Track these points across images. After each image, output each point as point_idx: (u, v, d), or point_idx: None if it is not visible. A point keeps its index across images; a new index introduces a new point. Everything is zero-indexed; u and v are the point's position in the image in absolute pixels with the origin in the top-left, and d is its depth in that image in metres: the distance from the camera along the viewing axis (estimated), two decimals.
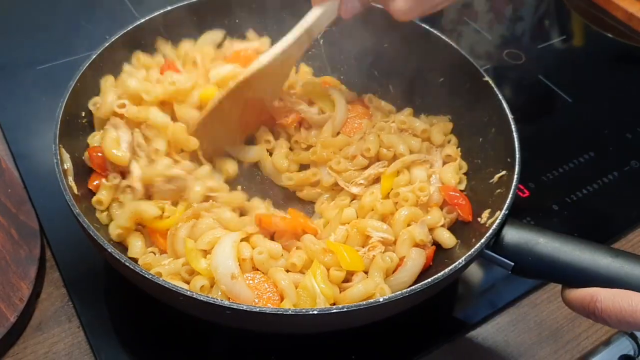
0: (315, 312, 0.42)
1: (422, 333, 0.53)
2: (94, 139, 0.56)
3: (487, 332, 0.54)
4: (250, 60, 0.59)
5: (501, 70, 0.79)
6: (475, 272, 0.58)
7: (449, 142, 0.61)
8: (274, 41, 0.61)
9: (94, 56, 0.57)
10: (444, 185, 0.56)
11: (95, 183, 0.53)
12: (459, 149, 0.60)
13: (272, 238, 0.53)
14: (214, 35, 0.66)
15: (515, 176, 0.51)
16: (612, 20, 0.90)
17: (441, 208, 0.55)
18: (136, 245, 0.51)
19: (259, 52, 0.64)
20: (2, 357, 0.50)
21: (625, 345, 0.65)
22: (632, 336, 0.64)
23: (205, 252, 0.49)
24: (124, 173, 0.54)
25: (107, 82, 0.58)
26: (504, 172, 0.54)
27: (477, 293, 0.57)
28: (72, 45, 0.77)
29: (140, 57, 0.61)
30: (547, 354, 0.53)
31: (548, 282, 0.58)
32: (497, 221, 0.47)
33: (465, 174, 0.58)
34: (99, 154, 0.53)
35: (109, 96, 0.56)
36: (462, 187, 0.57)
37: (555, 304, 0.57)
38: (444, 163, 0.59)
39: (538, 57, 0.82)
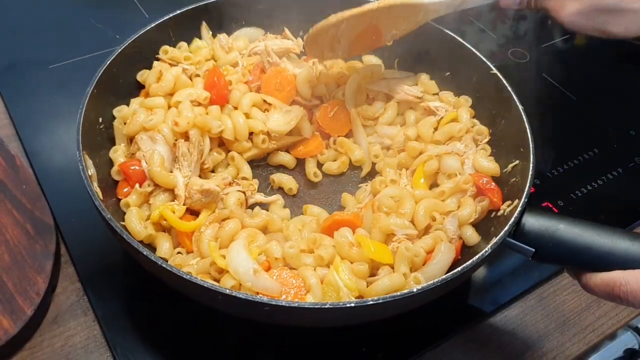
0: (352, 304, 0.42)
1: (430, 327, 0.54)
2: (116, 154, 0.57)
3: (495, 325, 0.55)
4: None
5: (506, 69, 0.79)
6: (483, 268, 0.59)
7: (473, 126, 0.61)
8: None
9: (109, 60, 0.58)
10: (475, 173, 0.57)
11: (125, 190, 0.55)
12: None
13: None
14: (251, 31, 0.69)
15: (531, 164, 0.52)
16: None
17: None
18: (164, 246, 0.52)
19: (290, 51, 0.67)
20: (20, 350, 0.51)
21: (630, 339, 0.66)
22: (637, 330, 0.65)
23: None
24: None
25: (135, 101, 0.61)
26: (517, 162, 0.55)
27: (486, 287, 0.58)
28: (82, 45, 0.78)
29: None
30: (554, 346, 0.54)
31: (554, 276, 0.59)
32: (518, 209, 0.48)
33: None
34: (135, 168, 0.55)
35: (139, 115, 0.57)
36: (498, 172, 0.57)
37: (562, 297, 0.58)
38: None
39: (542, 56, 0.83)
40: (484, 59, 0.61)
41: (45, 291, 0.53)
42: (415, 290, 0.43)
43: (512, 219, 0.47)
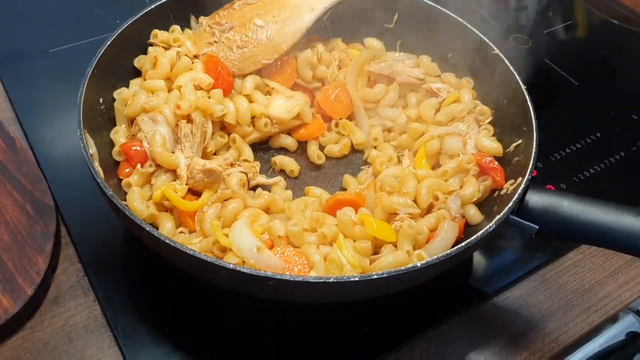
0: (357, 278, 0.42)
1: (432, 307, 0.54)
2: (117, 134, 0.57)
3: (498, 306, 0.55)
4: None
5: (508, 54, 0.79)
6: (486, 250, 0.59)
7: (475, 107, 0.61)
8: None
9: (108, 43, 0.58)
10: (477, 153, 0.57)
11: (126, 171, 0.55)
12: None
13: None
14: None
15: (535, 141, 0.52)
16: (617, 5, 0.91)
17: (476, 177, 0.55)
18: (167, 226, 0.52)
19: None
20: (21, 330, 0.51)
21: (632, 322, 0.66)
22: (639, 313, 0.65)
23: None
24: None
25: (135, 82, 0.61)
26: (520, 141, 0.55)
27: (489, 269, 0.58)
28: (82, 30, 0.78)
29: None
30: (557, 326, 0.54)
31: (557, 258, 0.59)
32: (522, 186, 0.49)
33: None
34: (137, 148, 0.54)
35: (139, 96, 0.57)
36: (502, 151, 0.57)
37: (565, 279, 0.57)
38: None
39: (544, 42, 0.83)
40: (485, 39, 0.61)
41: (45, 271, 0.52)
42: (419, 264, 0.43)
43: (516, 195, 0.47)
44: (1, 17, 0.80)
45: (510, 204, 0.47)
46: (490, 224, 0.46)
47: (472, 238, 0.44)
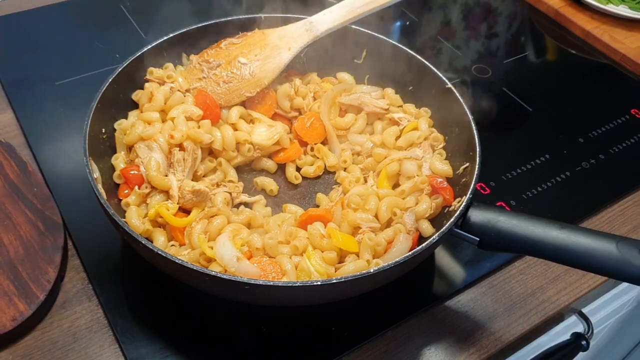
0: (319, 282, 0.50)
1: (391, 309, 0.61)
2: (117, 160, 0.64)
3: (450, 308, 0.63)
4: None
5: (469, 83, 0.88)
6: (442, 258, 0.67)
7: (430, 134, 0.69)
8: None
9: (110, 79, 0.66)
10: (431, 174, 0.65)
11: (125, 192, 0.62)
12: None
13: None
14: None
15: (477, 165, 0.60)
16: (572, 37, 1.00)
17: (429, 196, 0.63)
18: (160, 240, 0.59)
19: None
20: (33, 330, 0.58)
21: (576, 324, 0.74)
22: (582, 315, 0.73)
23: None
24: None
25: (133, 114, 0.69)
26: (467, 164, 0.63)
27: (443, 275, 0.65)
28: (85, 63, 0.86)
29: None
30: (501, 326, 0.62)
31: (504, 267, 0.66)
32: (464, 203, 0.56)
33: None
34: (135, 172, 0.62)
35: (137, 127, 0.65)
36: (451, 173, 0.65)
37: (510, 285, 0.65)
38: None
39: (503, 72, 0.91)
40: (440, 75, 0.69)
41: (55, 280, 0.60)
42: (372, 270, 0.51)
43: (458, 212, 0.55)
44: (12, 49, 0.87)
45: (452, 219, 0.55)
46: (434, 236, 0.54)
47: (417, 248, 0.52)
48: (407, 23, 0.99)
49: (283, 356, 0.57)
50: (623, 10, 0.99)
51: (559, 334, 0.76)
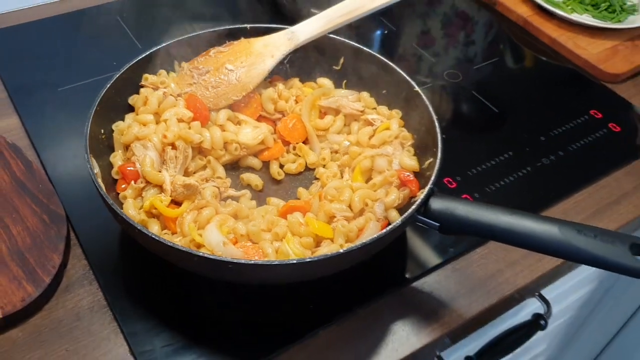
0: (294, 261, 0.57)
1: (364, 290, 0.68)
2: (115, 158, 0.71)
3: (417, 289, 0.69)
4: None
5: (441, 88, 0.95)
6: (413, 244, 0.74)
7: (401, 133, 0.76)
8: None
9: (108, 85, 0.72)
10: (400, 169, 0.71)
11: (123, 186, 0.69)
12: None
13: None
14: None
15: (438, 160, 0.67)
16: (540, 44, 1.07)
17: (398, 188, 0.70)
18: (154, 229, 0.65)
19: None
20: (40, 311, 0.64)
21: (536, 305, 0.81)
22: (541, 297, 0.80)
23: None
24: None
25: (129, 116, 0.75)
26: (431, 159, 0.70)
27: (411, 259, 0.72)
28: (85, 71, 0.92)
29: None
30: (462, 305, 0.68)
31: (466, 252, 0.73)
32: (425, 192, 0.63)
33: None
34: (131, 169, 0.68)
35: (133, 128, 0.72)
36: (418, 167, 0.71)
37: (472, 269, 0.72)
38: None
39: (473, 76, 0.98)
40: (409, 79, 0.76)
41: (59, 266, 0.66)
42: (342, 251, 0.58)
43: (419, 200, 0.62)
44: (18, 58, 0.94)
45: (414, 206, 0.62)
46: (397, 221, 0.61)
47: (382, 231, 0.59)
48: (385, 32, 1.06)
49: (265, 330, 0.64)
50: (586, 19, 1.06)
51: (520, 315, 0.82)
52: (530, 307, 0.82)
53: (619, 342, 1.43)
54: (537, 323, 0.79)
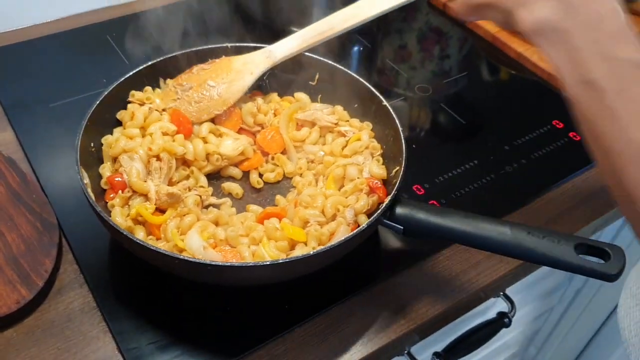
0: (268, 262, 0.62)
1: (339, 288, 0.73)
2: (104, 169, 0.76)
3: (387, 287, 0.74)
4: None
5: (412, 101, 1.01)
6: (387, 247, 0.79)
7: (371, 144, 0.82)
8: None
9: (98, 102, 0.77)
10: (369, 177, 0.76)
11: (111, 196, 0.74)
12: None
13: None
14: None
15: (402, 168, 0.73)
16: (506, 58, 1.13)
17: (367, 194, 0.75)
18: (140, 234, 0.70)
19: None
20: (34, 312, 0.69)
21: (501, 304, 0.86)
22: (506, 296, 0.86)
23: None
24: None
25: (117, 130, 0.80)
26: (398, 168, 0.75)
27: (383, 260, 0.77)
28: (75, 87, 0.97)
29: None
30: (427, 303, 0.73)
31: (433, 254, 0.78)
32: (389, 198, 0.69)
33: None
34: (119, 179, 0.73)
35: (120, 141, 0.77)
36: (386, 175, 0.77)
37: (437, 269, 0.77)
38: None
39: (442, 90, 1.04)
40: (378, 94, 0.82)
41: (51, 270, 0.71)
42: (312, 252, 0.63)
43: (385, 205, 0.68)
44: (11, 75, 0.99)
45: (379, 211, 0.67)
46: (364, 225, 0.66)
47: (348, 235, 0.65)
48: (361, 49, 1.12)
49: (244, 328, 0.69)
50: None
51: (486, 314, 0.88)
52: (494, 305, 0.87)
53: (596, 343, 1.48)
54: (501, 321, 0.84)
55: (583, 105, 0.52)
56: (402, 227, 0.68)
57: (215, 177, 0.84)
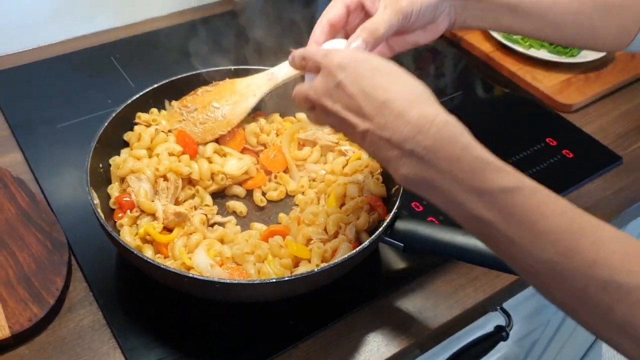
0: (274, 280, 0.65)
1: (341, 304, 0.75)
2: (112, 190, 0.78)
3: (389, 303, 0.77)
4: None
5: None
6: (386, 266, 0.81)
7: (370, 163, 0.84)
8: None
9: (106, 124, 0.80)
10: (369, 195, 0.79)
11: (119, 215, 0.76)
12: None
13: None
14: None
15: (402, 187, 0.75)
16: (500, 77, 1.17)
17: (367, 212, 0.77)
18: (148, 253, 0.72)
19: None
20: (45, 330, 0.70)
21: (498, 318, 0.89)
22: (503, 310, 0.88)
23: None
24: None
25: (124, 151, 0.83)
26: (397, 186, 0.78)
27: (384, 277, 0.80)
28: (82, 109, 0.99)
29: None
30: (428, 317, 0.76)
31: (431, 270, 0.81)
32: (390, 216, 0.71)
33: None
34: (127, 199, 0.76)
35: (128, 162, 0.79)
36: (385, 194, 0.80)
37: (437, 284, 0.79)
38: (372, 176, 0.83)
39: None
40: None
41: (62, 288, 0.73)
42: (316, 270, 0.65)
43: (385, 223, 0.70)
44: (19, 97, 1.01)
45: (380, 229, 0.70)
46: (366, 243, 0.68)
47: (351, 252, 0.67)
48: None
49: (250, 344, 0.71)
50: (543, 54, 1.16)
51: (484, 327, 0.90)
52: (491, 319, 0.89)
53: (593, 355, 1.50)
54: (499, 335, 0.86)
55: (483, 238, 0.51)
56: (402, 244, 0.71)
57: (219, 195, 0.86)
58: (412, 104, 0.53)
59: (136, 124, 0.85)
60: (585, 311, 0.45)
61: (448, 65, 1.22)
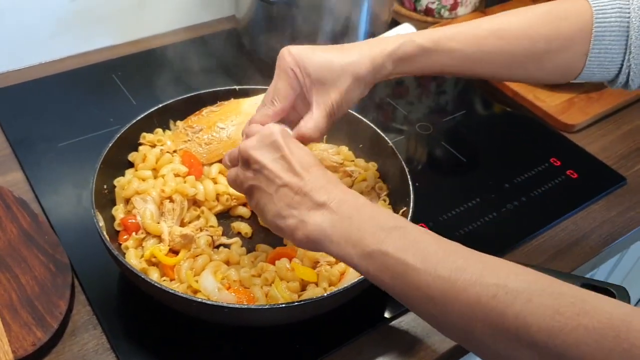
0: (283, 305, 0.64)
1: (347, 329, 0.74)
2: (117, 211, 0.78)
3: (395, 327, 0.76)
4: None
5: (413, 139, 1.04)
6: None
7: (377, 184, 0.84)
8: None
9: (110, 144, 0.79)
10: None
11: (124, 237, 0.75)
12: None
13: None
14: None
15: (410, 209, 0.75)
16: (503, 97, 1.17)
17: None
18: (154, 276, 0.71)
19: None
20: (49, 354, 0.69)
21: None
22: None
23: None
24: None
25: (129, 172, 0.82)
26: (405, 208, 0.77)
27: (390, 301, 0.79)
28: (84, 126, 0.98)
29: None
30: (435, 341, 0.75)
31: None
32: None
33: None
34: (132, 221, 0.75)
35: (133, 183, 0.79)
36: None
37: None
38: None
39: (443, 128, 1.07)
40: (383, 135, 0.84)
41: (65, 312, 0.72)
42: (325, 295, 0.64)
43: None
44: (20, 115, 1.00)
45: None
46: None
47: (359, 278, 0.66)
48: None
49: None
50: None
51: None
52: None
53: None
54: None
55: (389, 274, 0.54)
56: None
57: (224, 216, 0.85)
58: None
59: (141, 144, 0.84)
60: (481, 325, 0.47)
61: (450, 84, 1.22)
